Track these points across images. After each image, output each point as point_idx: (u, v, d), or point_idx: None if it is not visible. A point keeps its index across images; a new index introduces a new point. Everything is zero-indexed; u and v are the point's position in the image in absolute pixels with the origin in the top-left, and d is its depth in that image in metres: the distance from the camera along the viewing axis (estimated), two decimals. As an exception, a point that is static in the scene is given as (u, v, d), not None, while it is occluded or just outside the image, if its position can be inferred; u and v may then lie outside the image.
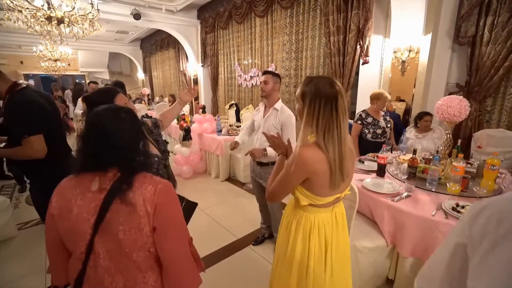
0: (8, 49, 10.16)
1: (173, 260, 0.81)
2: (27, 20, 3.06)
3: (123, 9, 5.52)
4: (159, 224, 0.78)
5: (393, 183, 1.94)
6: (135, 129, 0.85)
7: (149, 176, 0.82)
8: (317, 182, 1.02)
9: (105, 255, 0.77)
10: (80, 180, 0.81)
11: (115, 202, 0.76)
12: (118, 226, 0.75)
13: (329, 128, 0.98)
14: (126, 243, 0.76)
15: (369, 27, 3.41)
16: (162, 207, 0.79)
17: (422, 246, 1.54)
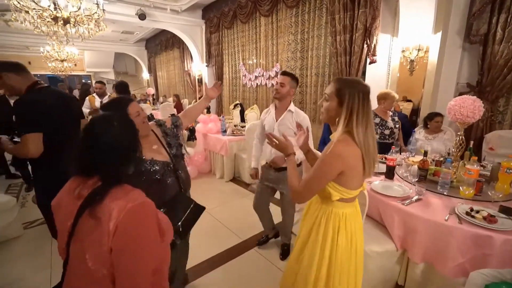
0: (16, 50, 10.30)
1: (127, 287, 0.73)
2: (34, 21, 3.07)
3: (128, 10, 5.54)
4: (116, 247, 0.71)
5: (403, 185, 1.89)
6: (126, 138, 0.83)
7: (126, 191, 0.78)
8: (351, 175, 1.08)
9: (74, 258, 0.79)
10: (72, 182, 0.84)
11: (85, 213, 0.74)
12: (83, 237, 0.75)
13: (367, 120, 1.05)
14: (89, 255, 0.74)
15: (377, 25, 3.35)
16: (123, 229, 0.71)
17: (434, 251, 1.49)
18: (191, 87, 8.26)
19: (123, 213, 0.72)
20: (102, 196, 0.74)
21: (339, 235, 1.15)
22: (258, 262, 2.23)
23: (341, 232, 1.16)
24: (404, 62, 3.25)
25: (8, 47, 9.78)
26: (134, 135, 0.87)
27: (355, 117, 1.03)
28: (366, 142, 1.04)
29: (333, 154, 1.03)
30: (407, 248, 1.65)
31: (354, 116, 1.03)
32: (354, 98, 1.04)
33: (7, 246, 2.45)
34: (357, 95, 1.04)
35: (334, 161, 1.04)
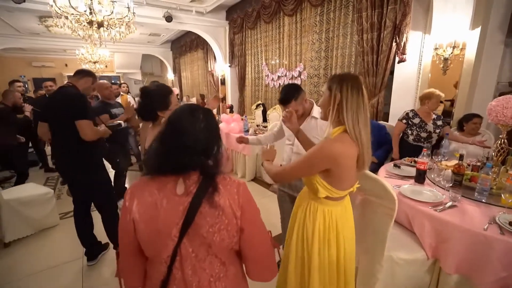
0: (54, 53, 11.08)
1: (261, 256, 0.87)
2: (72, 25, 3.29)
3: (156, 12, 5.74)
4: (247, 225, 0.82)
5: (435, 191, 1.78)
6: (213, 130, 0.83)
7: (228, 178, 0.84)
8: (341, 176, 1.11)
9: (193, 256, 0.79)
10: (161, 183, 0.78)
11: (203, 205, 0.76)
12: (207, 229, 0.77)
13: (358, 109, 1.06)
14: (214, 244, 0.78)
15: (407, 22, 3.20)
16: (247, 208, 0.82)
17: (470, 263, 1.39)
18: (213, 87, 8.40)
19: (240, 196, 0.81)
20: (216, 187, 0.78)
21: (326, 232, 1.22)
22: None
23: (327, 229, 1.22)
24: (437, 60, 3.07)
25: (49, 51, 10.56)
26: (217, 124, 0.87)
27: (344, 107, 1.06)
28: (358, 133, 1.06)
29: (325, 153, 1.07)
30: (439, 257, 1.55)
31: (343, 106, 1.06)
32: (342, 89, 1.07)
33: (45, 234, 2.65)
34: (345, 86, 1.07)
35: (323, 159, 1.08)
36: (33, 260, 2.27)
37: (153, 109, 1.42)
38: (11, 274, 2.10)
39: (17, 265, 2.22)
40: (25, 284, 2.01)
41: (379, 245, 1.53)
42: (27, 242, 2.53)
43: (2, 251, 2.40)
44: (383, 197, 1.46)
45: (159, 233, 0.76)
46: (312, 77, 4.86)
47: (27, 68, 11.11)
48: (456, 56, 2.91)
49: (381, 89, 3.70)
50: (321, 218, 1.22)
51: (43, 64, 11.33)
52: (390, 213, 1.45)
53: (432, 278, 1.66)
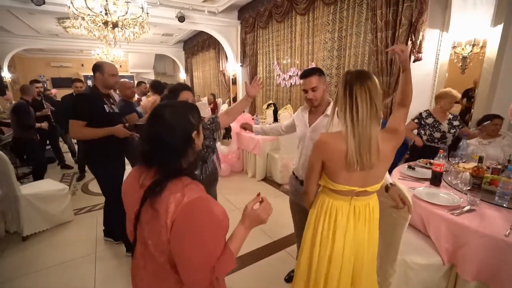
0: (71, 54, 11.46)
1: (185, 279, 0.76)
2: (88, 26, 3.38)
3: (169, 13, 5.82)
4: (173, 240, 0.73)
5: (451, 194, 1.72)
6: (179, 130, 0.80)
7: (185, 185, 0.76)
8: (331, 167, 1.16)
9: (142, 242, 0.84)
10: (137, 170, 0.87)
11: (146, 202, 0.76)
12: (145, 225, 0.79)
13: (350, 109, 1.06)
14: (150, 242, 0.79)
15: (424, 20, 3.10)
16: (180, 225, 0.72)
17: (489, 270, 1.33)
18: (225, 86, 8.45)
19: (179, 208, 0.72)
20: (161, 189, 0.74)
21: (319, 221, 1.25)
22: (287, 263, 2.19)
23: (322, 218, 1.24)
24: (455, 59, 2.96)
25: (66, 51, 10.93)
26: (187, 126, 0.82)
27: (341, 106, 1.10)
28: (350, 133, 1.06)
29: (316, 143, 1.16)
30: (456, 263, 1.50)
31: (342, 106, 1.10)
32: (346, 89, 1.09)
33: (61, 229, 2.73)
34: (341, 85, 1.11)
35: (315, 150, 1.17)
36: (49, 254, 2.34)
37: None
38: (29, 267, 2.18)
39: (34, 258, 2.30)
40: (42, 276, 2.08)
41: (392, 249, 1.50)
42: (43, 236, 2.61)
43: (21, 244, 2.49)
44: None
45: (127, 208, 0.89)
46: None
47: (46, 68, 11.53)
48: (476, 54, 2.80)
49: (395, 89, 3.60)
50: (318, 206, 1.26)
51: (61, 64, 11.73)
52: (404, 216, 1.41)
53: (448, 284, 1.60)
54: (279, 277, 2.04)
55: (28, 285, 2.01)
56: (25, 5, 4.67)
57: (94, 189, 3.80)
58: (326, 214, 1.23)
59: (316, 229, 1.26)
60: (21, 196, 2.46)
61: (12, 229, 2.60)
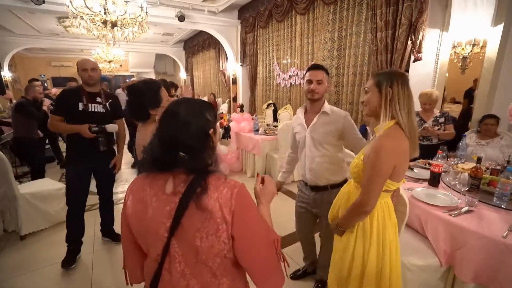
0: (72, 53, 11.48)
1: (257, 267, 0.77)
2: (87, 25, 3.38)
3: (169, 12, 5.82)
4: (239, 233, 0.73)
5: (450, 194, 1.71)
6: (197, 125, 0.75)
7: (223, 178, 0.75)
8: (401, 167, 1.12)
9: (181, 259, 0.74)
10: (153, 179, 0.77)
11: (190, 207, 0.70)
12: (194, 232, 0.71)
13: (409, 104, 1.10)
14: (202, 249, 0.72)
15: (424, 20, 3.10)
16: (240, 214, 0.72)
17: (488, 271, 1.32)
18: (225, 86, 8.45)
19: (234, 200, 0.72)
20: (204, 187, 0.71)
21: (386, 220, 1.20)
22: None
23: (388, 222, 1.20)
24: (455, 59, 2.95)
25: (67, 51, 10.95)
26: (213, 119, 0.79)
27: (397, 102, 1.09)
28: (411, 125, 1.10)
29: (387, 151, 1.07)
30: (453, 264, 1.48)
31: (395, 101, 1.09)
32: (393, 85, 1.09)
33: (59, 228, 2.71)
34: (395, 82, 1.10)
35: (389, 158, 1.08)
36: (47, 253, 2.34)
37: (144, 107, 1.37)
38: (27, 266, 2.18)
39: (32, 257, 2.29)
40: (40, 275, 2.08)
41: (390, 250, 1.48)
42: (42, 235, 2.61)
43: (19, 243, 2.49)
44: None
45: (147, 230, 0.76)
46: (324, 76, 4.78)
47: (46, 67, 11.56)
48: (476, 54, 2.79)
49: (395, 89, 3.60)
50: (380, 212, 1.20)
51: (61, 64, 11.76)
52: (402, 216, 1.40)
53: (445, 286, 1.58)
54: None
55: (26, 284, 2.01)
56: (26, 4, 4.68)
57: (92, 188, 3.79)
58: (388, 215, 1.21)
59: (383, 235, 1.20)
60: (20, 195, 2.46)
61: (10, 228, 2.60)
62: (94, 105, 2.05)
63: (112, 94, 2.26)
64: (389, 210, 1.22)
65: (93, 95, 2.07)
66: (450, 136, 2.56)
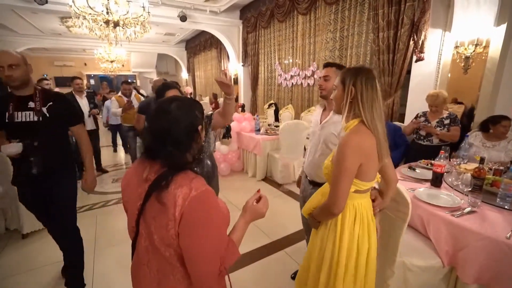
0: (74, 53, 11.53)
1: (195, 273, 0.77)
2: (90, 25, 3.39)
3: (171, 12, 5.83)
4: (182, 233, 0.74)
5: (452, 195, 1.70)
6: (183, 123, 0.80)
7: (191, 178, 0.77)
8: (367, 167, 1.09)
9: (146, 237, 0.82)
10: (139, 164, 0.86)
11: (152, 196, 0.76)
12: (150, 220, 0.78)
13: (373, 102, 1.07)
14: (156, 237, 0.78)
15: (426, 20, 3.09)
16: (189, 217, 0.73)
17: (490, 272, 1.31)
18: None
19: (188, 201, 0.73)
20: (167, 183, 0.75)
21: (355, 225, 1.16)
22: (286, 264, 2.18)
23: (357, 222, 1.17)
24: (458, 59, 2.93)
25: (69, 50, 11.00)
26: (197, 117, 0.84)
27: (359, 101, 1.06)
28: (375, 123, 1.07)
29: (351, 148, 1.05)
30: (456, 265, 1.47)
31: (359, 100, 1.06)
32: (356, 82, 1.07)
33: (60, 227, 2.73)
34: (359, 80, 1.07)
35: (354, 155, 1.05)
36: (48, 252, 2.34)
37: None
38: (29, 264, 2.19)
39: (34, 255, 2.30)
40: (42, 273, 2.09)
41: (391, 250, 1.48)
42: (43, 234, 2.60)
43: (20, 242, 2.50)
44: (396, 200, 1.41)
45: (127, 204, 0.88)
46: (326, 76, 4.78)
47: (49, 67, 11.61)
48: (479, 54, 2.77)
49: (397, 89, 3.59)
50: (352, 212, 1.16)
51: (64, 64, 11.81)
52: (403, 217, 1.39)
53: (447, 287, 1.57)
54: (279, 277, 2.03)
55: (28, 282, 2.02)
56: (28, 4, 4.70)
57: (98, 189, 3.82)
58: (360, 217, 1.17)
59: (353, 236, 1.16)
60: (21, 194, 2.47)
61: (12, 227, 2.61)
62: (23, 114, 1.55)
63: (56, 94, 1.72)
64: (365, 212, 1.18)
65: (24, 100, 1.57)
66: (451, 138, 2.54)
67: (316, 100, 5.06)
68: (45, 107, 1.60)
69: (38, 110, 1.58)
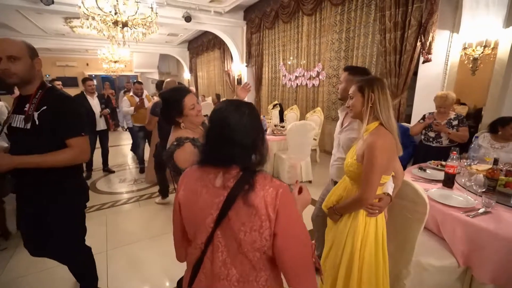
0: (77, 53, 11.53)
1: (294, 266, 0.79)
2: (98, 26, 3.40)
3: (176, 13, 5.85)
4: (281, 231, 0.76)
5: (465, 195, 1.71)
6: (256, 125, 0.81)
7: (269, 178, 0.79)
8: (390, 162, 1.26)
9: (224, 249, 0.79)
10: (205, 172, 0.82)
11: (237, 202, 0.75)
12: (239, 226, 0.75)
13: (388, 105, 1.24)
14: (245, 243, 0.76)
15: (434, 21, 3.10)
16: (283, 213, 0.75)
17: (507, 273, 1.32)
18: (229, 87, 8.46)
19: (279, 199, 0.75)
20: (252, 185, 0.75)
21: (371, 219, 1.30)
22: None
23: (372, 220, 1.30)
24: (466, 60, 2.95)
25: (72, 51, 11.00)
26: (260, 120, 0.86)
27: (378, 105, 1.23)
28: (391, 123, 1.24)
29: (380, 148, 1.19)
30: (471, 265, 1.49)
31: (377, 104, 1.23)
32: (374, 90, 1.23)
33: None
34: (376, 87, 1.23)
35: (383, 153, 1.20)
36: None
37: (170, 115, 1.39)
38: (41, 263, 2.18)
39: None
40: (56, 273, 2.09)
41: (407, 250, 1.49)
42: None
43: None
44: (414, 200, 1.42)
45: (196, 219, 0.81)
46: (331, 77, 4.79)
47: (51, 67, 11.59)
48: (487, 55, 2.79)
49: (404, 90, 3.60)
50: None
51: (66, 64, 11.80)
52: (420, 217, 1.40)
53: (463, 287, 1.59)
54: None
55: (40, 281, 2.03)
56: (34, 5, 4.72)
57: (101, 187, 3.83)
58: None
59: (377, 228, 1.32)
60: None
61: (23, 227, 2.62)
62: (17, 117, 1.32)
63: (56, 97, 1.36)
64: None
65: (24, 101, 1.32)
66: (462, 138, 2.55)
67: (321, 101, 5.07)
68: (37, 111, 1.28)
69: (28, 116, 1.27)
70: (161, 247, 2.38)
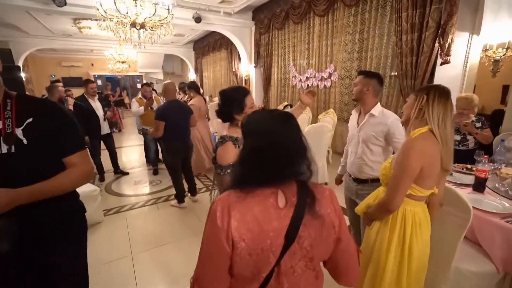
0: (83, 53, 11.54)
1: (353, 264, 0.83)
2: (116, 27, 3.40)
3: (186, 13, 5.83)
4: (344, 235, 0.78)
5: (500, 201, 1.70)
6: (300, 134, 0.77)
7: (318, 185, 0.78)
8: (428, 171, 1.13)
9: (291, 272, 0.73)
10: (260, 197, 0.71)
11: (306, 217, 0.71)
12: (310, 241, 0.72)
13: (446, 116, 1.13)
14: (317, 257, 0.75)
15: (453, 23, 3.08)
16: (341, 215, 0.78)
17: (553, 279, 1.32)
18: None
19: (335, 204, 0.78)
20: (313, 196, 0.73)
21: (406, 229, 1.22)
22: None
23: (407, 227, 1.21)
24: (486, 62, 2.93)
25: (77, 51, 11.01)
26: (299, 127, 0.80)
27: (430, 111, 1.13)
28: (443, 132, 1.12)
29: (415, 150, 1.11)
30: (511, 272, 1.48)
31: (430, 108, 1.13)
32: (429, 93, 1.15)
33: (93, 230, 2.73)
34: (432, 91, 1.15)
35: (417, 157, 1.11)
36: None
37: (230, 112, 1.43)
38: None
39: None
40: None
41: (446, 256, 1.48)
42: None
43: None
44: (456, 206, 1.41)
45: (263, 251, 0.69)
46: (344, 78, 4.78)
47: (57, 67, 11.62)
48: (509, 57, 2.77)
49: (420, 92, 3.59)
50: (400, 219, 1.22)
51: (72, 64, 11.82)
52: (462, 223, 1.40)
53: (501, 293, 1.58)
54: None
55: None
56: (46, 6, 4.70)
57: (117, 189, 3.83)
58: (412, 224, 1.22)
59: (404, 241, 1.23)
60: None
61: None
62: None
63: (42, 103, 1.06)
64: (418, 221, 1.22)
65: None
66: (487, 140, 2.54)
67: (333, 102, 5.06)
68: (20, 127, 0.94)
69: (9, 135, 0.91)
70: (187, 250, 2.38)
